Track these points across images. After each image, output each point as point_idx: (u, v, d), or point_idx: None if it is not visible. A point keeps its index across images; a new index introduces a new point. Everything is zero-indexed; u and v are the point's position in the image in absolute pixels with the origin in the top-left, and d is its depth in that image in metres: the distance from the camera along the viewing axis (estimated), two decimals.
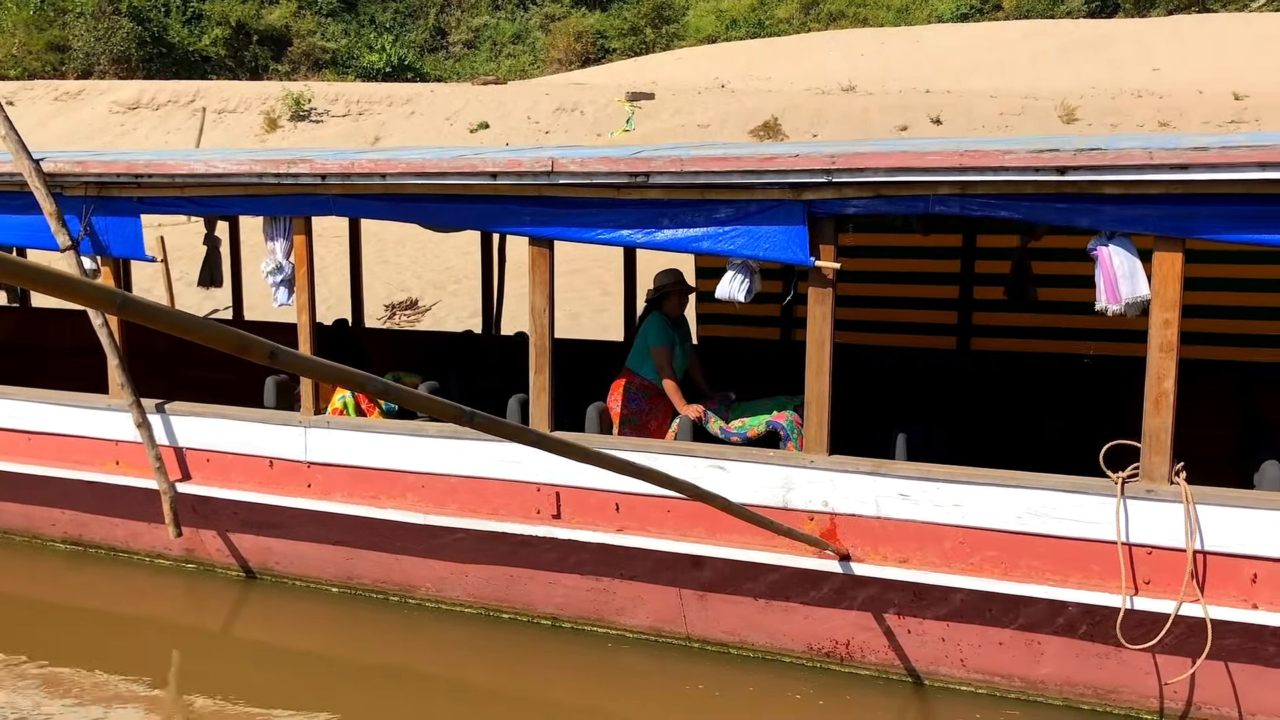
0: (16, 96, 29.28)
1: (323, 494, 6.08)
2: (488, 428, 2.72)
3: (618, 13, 55.39)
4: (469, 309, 15.59)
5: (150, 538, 6.83)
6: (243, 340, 1.96)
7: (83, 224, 6.31)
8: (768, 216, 4.95)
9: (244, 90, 29.83)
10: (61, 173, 6.24)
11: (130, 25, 49.71)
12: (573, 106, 27.03)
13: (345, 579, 6.40)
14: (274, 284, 6.08)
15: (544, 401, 5.61)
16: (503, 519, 5.69)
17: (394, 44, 53.29)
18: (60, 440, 6.73)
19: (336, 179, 5.63)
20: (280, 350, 2.09)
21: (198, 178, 5.94)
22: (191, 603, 6.71)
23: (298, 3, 54.58)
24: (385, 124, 27.19)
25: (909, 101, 25.32)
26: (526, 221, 5.45)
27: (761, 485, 5.18)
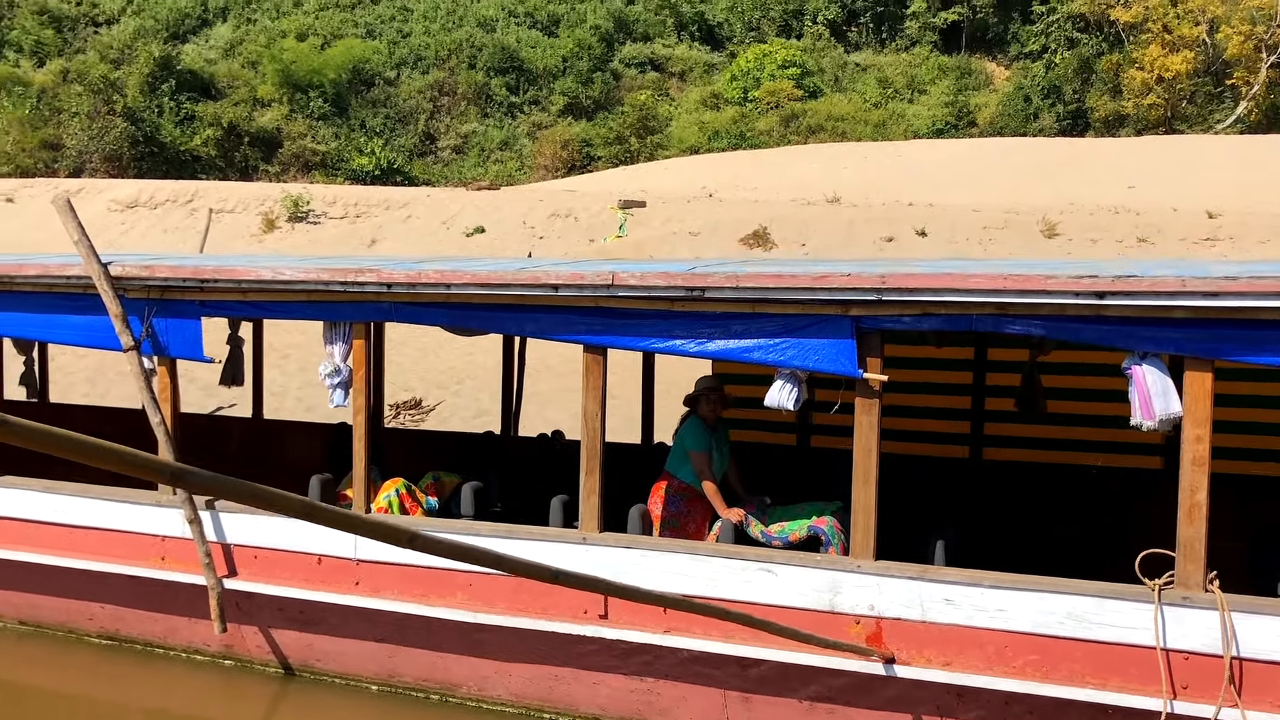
0: (17, 194, 29.67)
1: (370, 591, 6.22)
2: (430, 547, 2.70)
3: (603, 122, 56.87)
4: (471, 409, 15.81)
5: (188, 633, 6.91)
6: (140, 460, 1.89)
7: (144, 325, 6.55)
8: (817, 330, 5.26)
9: (241, 191, 30.35)
10: (128, 276, 6.49)
11: (124, 125, 50.56)
12: (566, 212, 27.66)
13: (386, 677, 6.49)
14: (331, 385, 6.31)
15: (594, 503, 5.82)
16: (550, 618, 5.85)
17: (384, 148, 54.37)
18: (104, 535, 6.85)
19: (402, 288, 5.92)
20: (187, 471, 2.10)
21: (263, 283, 6.21)
22: (229, 699, 6.77)
23: (289, 106, 55.74)
24: (382, 226, 27.69)
25: (893, 214, 26.11)
26: (583, 330, 5.73)
27: (809, 589, 5.38)
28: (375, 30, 60.19)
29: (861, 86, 58.59)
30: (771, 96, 56.23)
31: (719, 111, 57.58)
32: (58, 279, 6.70)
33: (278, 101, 55.28)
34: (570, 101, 58.55)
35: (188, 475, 2.19)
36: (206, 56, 57.35)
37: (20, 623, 7.50)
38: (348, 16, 60.42)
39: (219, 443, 9.70)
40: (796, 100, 55.73)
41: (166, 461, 2.13)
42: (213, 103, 54.60)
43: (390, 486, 6.82)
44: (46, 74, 54.17)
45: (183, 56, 55.91)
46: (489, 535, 5.99)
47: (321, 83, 55.42)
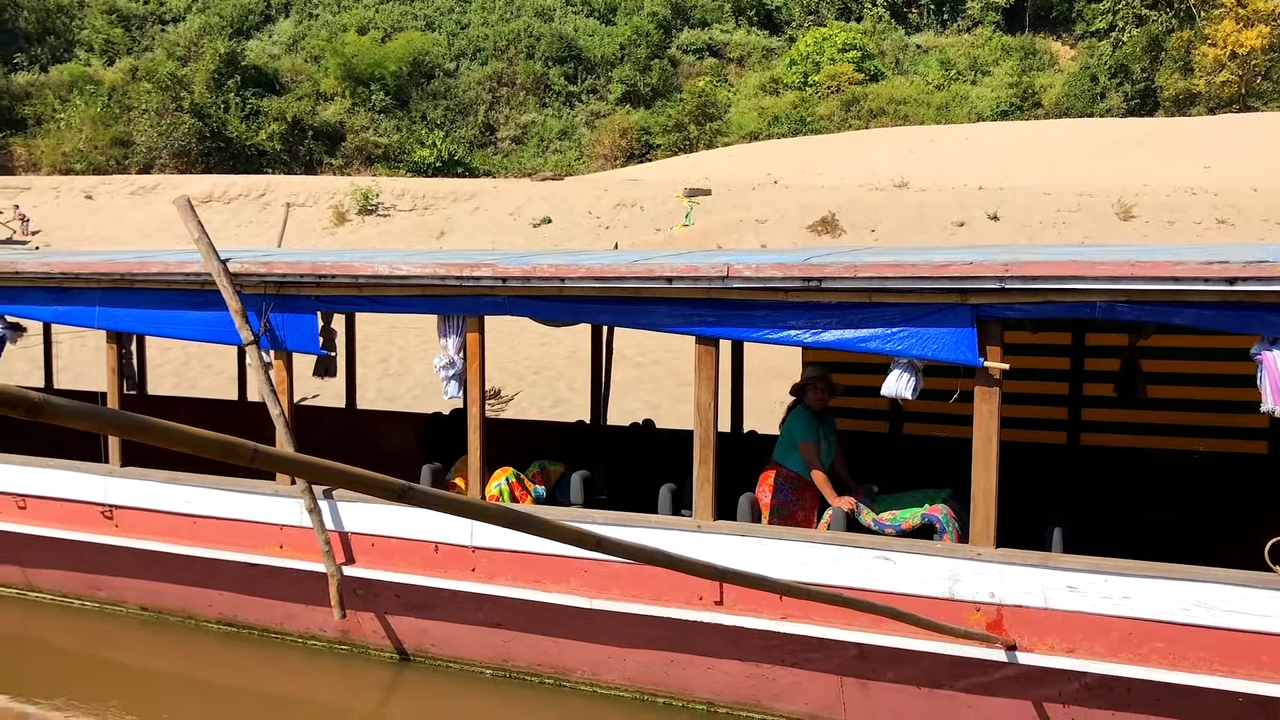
0: (95, 191, 30.41)
1: (486, 578, 6.36)
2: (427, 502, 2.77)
3: (662, 110, 56.86)
4: (548, 399, 15.97)
5: (305, 619, 7.11)
6: (226, 445, 1.97)
7: (262, 320, 6.73)
8: (936, 319, 5.27)
9: (312, 185, 30.85)
10: (246, 272, 6.68)
11: (191, 121, 51.53)
12: (632, 202, 27.76)
13: (500, 661, 6.63)
14: (445, 378, 6.45)
15: (708, 491, 5.89)
16: (666, 604, 5.94)
17: (444, 140, 54.85)
18: (224, 524, 7.07)
19: (517, 281, 6.03)
20: (261, 450, 2.10)
21: (380, 279, 6.36)
22: (345, 683, 6.95)
23: (352, 99, 56.42)
24: (450, 218, 28.00)
25: (964, 198, 25.85)
26: (696, 322, 5.80)
27: (928, 576, 5.41)
28: (434, 22, 60.68)
29: (923, 69, 57.95)
30: (832, 80, 55.82)
31: (778, 97, 57.31)
32: (178, 276, 6.90)
33: (340, 95, 56.03)
34: (628, 89, 58.62)
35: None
36: (270, 52, 58.25)
37: (142, 609, 7.76)
38: (407, 9, 60.98)
39: (315, 432, 9.91)
40: (857, 84, 55.28)
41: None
42: (277, 98, 55.48)
43: (500, 475, 6.95)
44: (116, 72, 55.39)
45: (247, 52, 56.85)
46: (603, 523, 6.09)
47: (382, 76, 56.07)
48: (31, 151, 51.39)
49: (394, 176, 43.62)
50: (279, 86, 56.35)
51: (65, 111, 52.53)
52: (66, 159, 50.02)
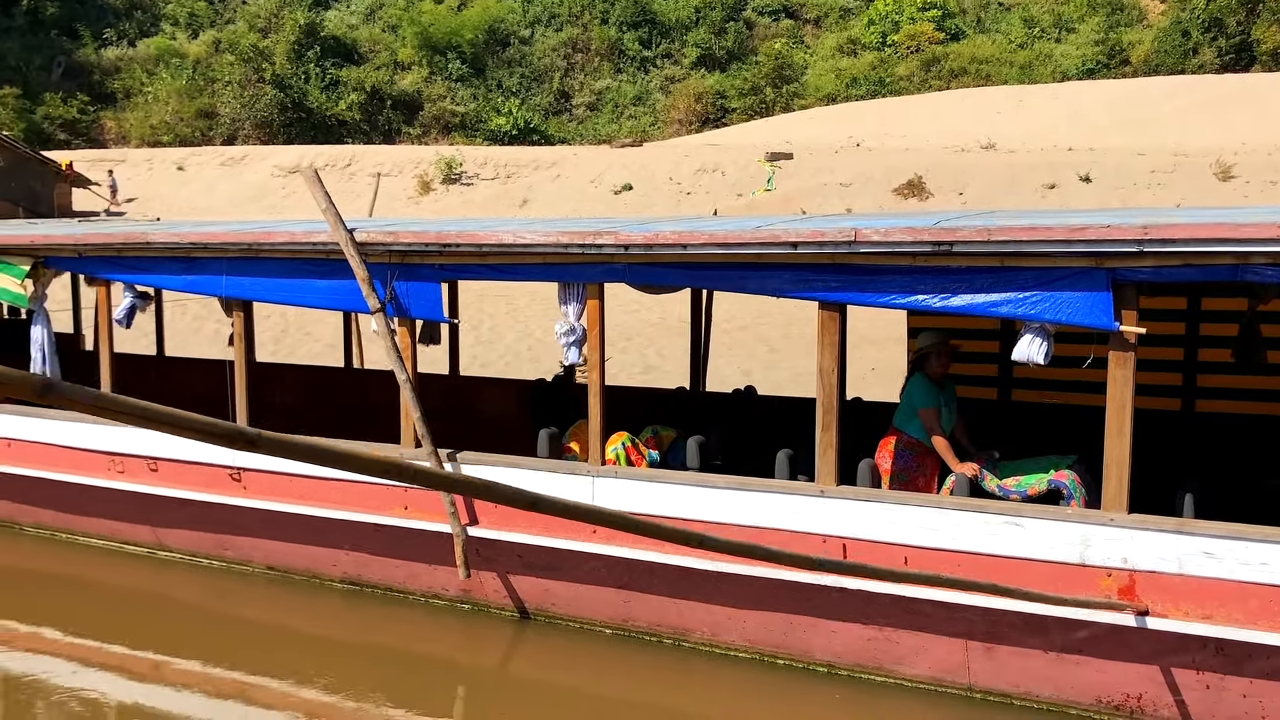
0: (186, 162, 31.12)
1: (607, 539, 6.48)
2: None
3: (737, 73, 56.37)
4: (639, 365, 16.08)
5: (428, 578, 7.32)
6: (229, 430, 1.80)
7: (387, 289, 6.90)
8: (1071, 283, 5.23)
9: (396, 154, 31.22)
10: (372, 241, 6.84)
11: (273, 92, 52.32)
12: (713, 167, 27.65)
13: (620, 621, 6.76)
14: (566, 344, 6.56)
15: (831, 456, 5.93)
16: (787, 568, 6.00)
17: (520, 107, 55.00)
18: (348, 485, 7.29)
19: (639, 249, 6.09)
20: (264, 436, 1.93)
21: (503, 247, 6.47)
22: (468, 640, 7.15)
23: (429, 68, 56.80)
24: (532, 186, 28.17)
25: (1054, 159, 25.30)
26: (819, 287, 5.82)
27: (1058, 541, 5.40)
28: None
29: (1005, 27, 56.58)
30: (911, 40, 54.80)
31: (856, 58, 56.46)
32: (304, 245, 7.09)
33: (417, 64, 56.44)
34: (703, 53, 58.19)
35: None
36: (348, 22, 58.83)
37: (268, 568, 8.05)
38: None
39: (423, 398, 10.13)
40: (937, 43, 54.19)
41: None
42: (355, 68, 56.07)
43: (616, 440, 7.05)
44: (200, 45, 56.42)
45: (326, 23, 57.48)
46: (724, 487, 6.17)
47: (459, 44, 56.33)
48: (121, 125, 52.67)
49: (472, 145, 43.95)
50: (357, 56, 56.94)
51: (152, 85, 53.71)
52: (154, 131, 51.20)
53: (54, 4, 55.44)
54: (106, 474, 8.25)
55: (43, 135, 47.67)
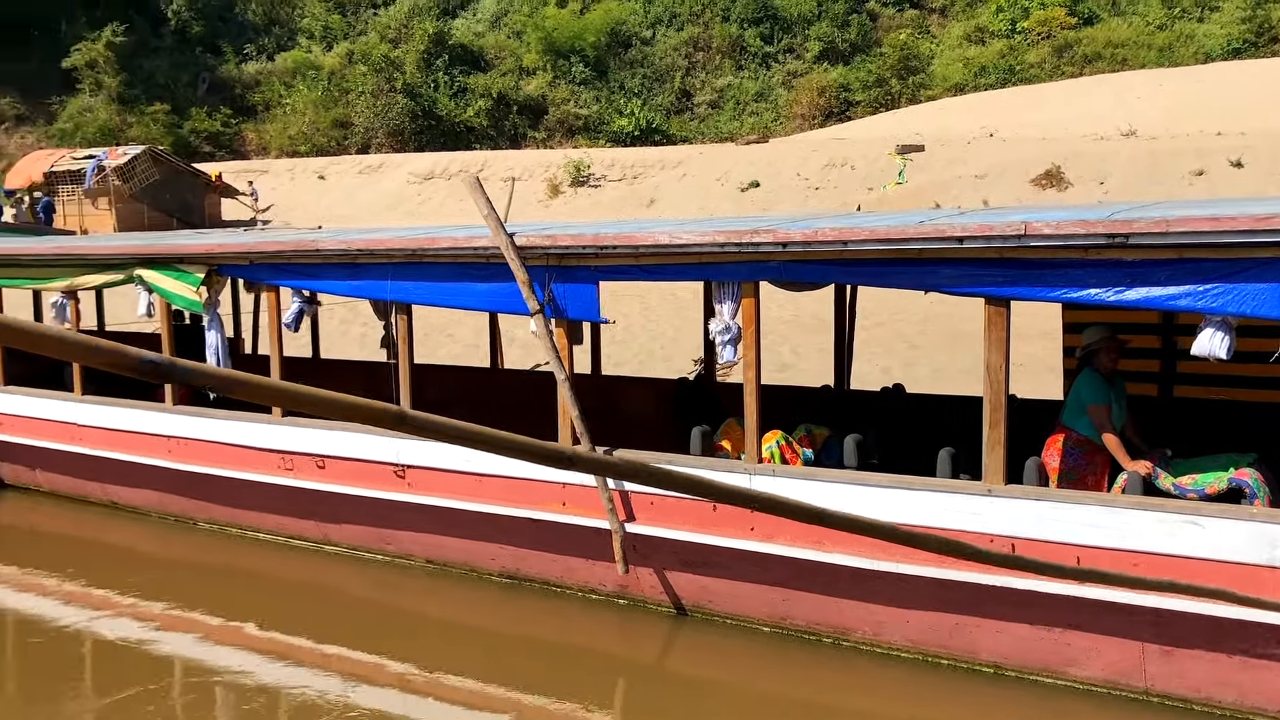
0: (326, 171, 32.25)
1: (766, 537, 6.50)
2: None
3: (861, 66, 55.62)
4: (772, 363, 16.01)
5: (585, 573, 7.46)
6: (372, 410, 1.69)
7: (545, 291, 7.06)
8: (1256, 274, 5.04)
9: (526, 158, 31.78)
10: (531, 245, 7.01)
11: (405, 101, 53.74)
12: (841, 162, 27.36)
13: (779, 619, 6.78)
14: (721, 343, 6.60)
15: (999, 454, 5.84)
16: (951, 567, 5.93)
17: (642, 108, 55.31)
18: (508, 482, 7.48)
19: (797, 246, 6.10)
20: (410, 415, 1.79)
21: (658, 248, 6.56)
22: (625, 635, 7.26)
23: (553, 73, 57.57)
24: (659, 186, 28.32)
25: (1200, 145, 24.27)
26: (986, 282, 5.73)
27: (1243, 542, 5.21)
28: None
29: (1143, 8, 54.39)
30: (1042, 26, 53.19)
31: (984, 46, 55.08)
32: (466, 250, 7.31)
33: (542, 69, 57.26)
34: (826, 47, 57.58)
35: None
36: (475, 30, 60.03)
37: (428, 561, 8.31)
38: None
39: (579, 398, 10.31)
40: (1070, 28, 52.46)
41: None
42: (482, 74, 57.22)
43: (770, 438, 7.07)
44: (334, 57, 58.32)
45: (453, 31, 58.77)
46: (887, 486, 6.13)
47: (582, 47, 56.94)
48: (261, 136, 54.86)
49: (596, 147, 44.44)
50: (484, 63, 58.09)
51: (290, 97, 55.77)
52: (293, 142, 53.17)
53: (199, 23, 58.08)
54: (277, 471, 8.64)
55: (190, 148, 50.02)
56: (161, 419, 9.34)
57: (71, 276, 9.76)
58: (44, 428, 10.32)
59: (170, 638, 7.51)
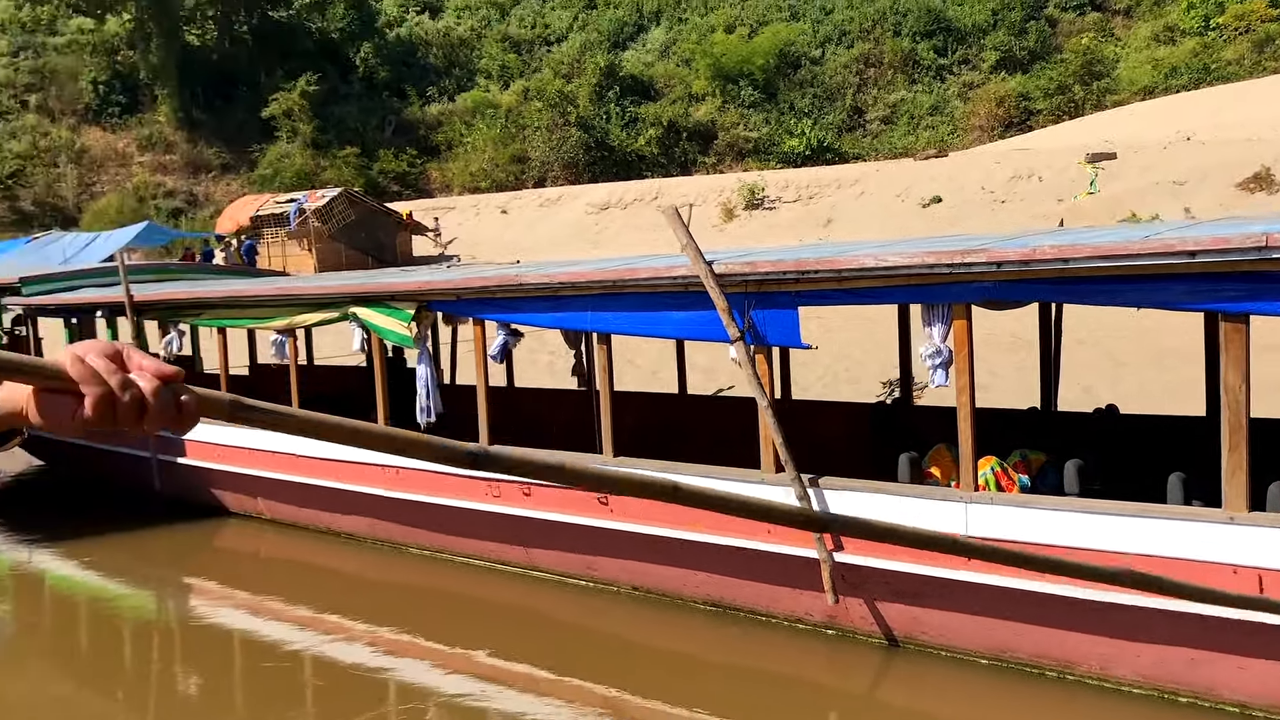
0: (509, 206, 33.32)
1: (984, 567, 6.29)
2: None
3: (1041, 73, 53.83)
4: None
5: (792, 602, 7.39)
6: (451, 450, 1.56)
7: (745, 317, 7.07)
8: None
9: (699, 184, 32.03)
10: (730, 273, 7.03)
11: (578, 134, 55.01)
12: (1028, 173, 26.45)
13: (997, 651, 6.55)
14: (932, 366, 6.45)
15: (1240, 480, 5.49)
16: (1188, 600, 5.59)
17: (813, 127, 54.96)
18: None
19: (1014, 265, 5.91)
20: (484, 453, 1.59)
21: (864, 271, 6.47)
22: (834, 665, 7.15)
23: (722, 98, 57.87)
24: (835, 205, 28.04)
25: None
26: (1221, 298, 5.42)
27: None
28: (799, 11, 61.00)
29: None
30: (1239, 21, 50.23)
31: (1175, 45, 52.42)
32: (665, 280, 7.39)
33: (711, 95, 57.68)
34: (1003, 56, 56.03)
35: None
36: (644, 60, 61.01)
37: (633, 588, 8.41)
38: (772, 2, 61.74)
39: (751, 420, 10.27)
40: (1272, 20, 49.34)
41: None
42: (652, 103, 58.03)
43: (985, 464, 6.86)
44: (511, 95, 60.25)
45: (624, 63, 59.88)
46: (1116, 514, 5.85)
47: (751, 71, 57.09)
48: (444, 174, 57.13)
49: (766, 169, 44.40)
50: (653, 92, 58.93)
51: (470, 135, 57.92)
52: (474, 178, 55.15)
53: (384, 69, 61.06)
54: (484, 498, 8.92)
55: (378, 189, 52.53)
56: None
57: (290, 315, 10.37)
58: (266, 458, 10.97)
59: (392, 662, 7.84)
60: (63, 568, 11.04)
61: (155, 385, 1.16)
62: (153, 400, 1.16)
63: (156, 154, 55.70)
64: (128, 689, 7.85)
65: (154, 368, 1.18)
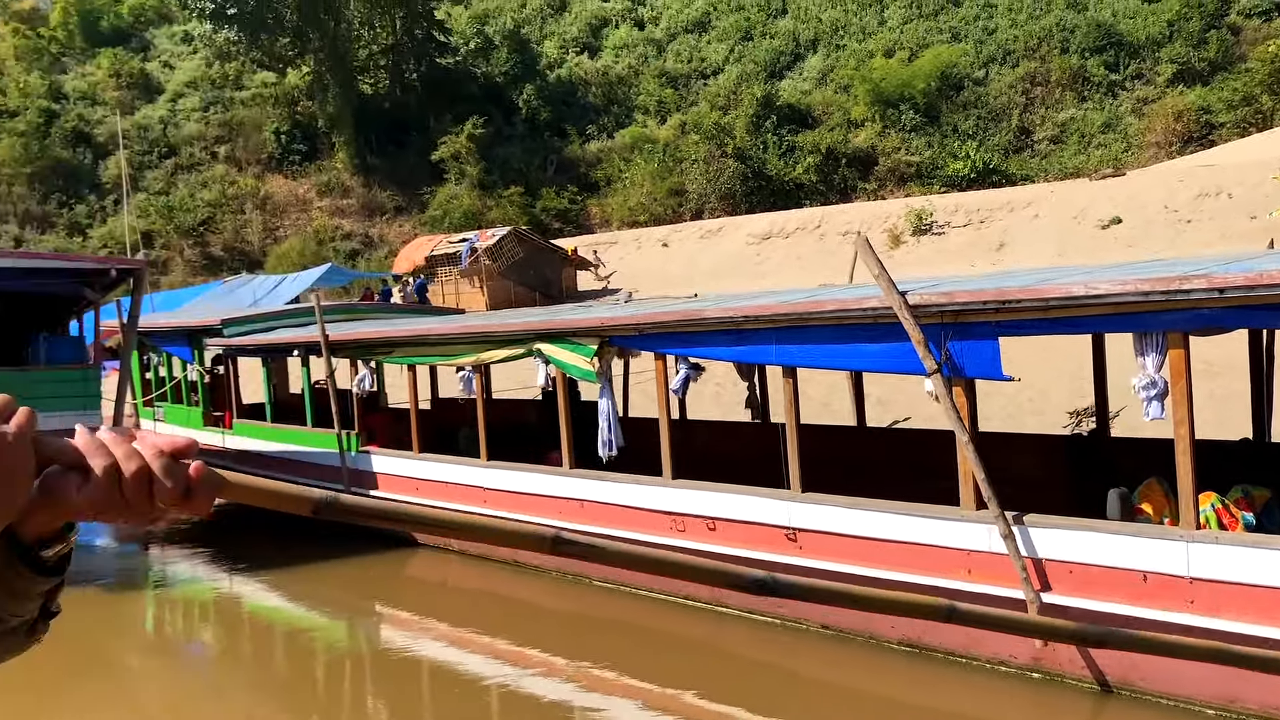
0: (669, 238, 33.60)
1: (1209, 611, 5.93)
2: None
3: (1224, 84, 51.07)
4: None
5: (994, 644, 7.12)
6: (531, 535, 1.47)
7: (942, 349, 6.89)
8: None
9: (863, 211, 31.62)
10: (925, 304, 6.88)
11: (735, 164, 55.11)
12: (1215, 190, 25.08)
13: (1225, 701, 6.15)
14: (1146, 398, 6.15)
15: None
16: None
17: (978, 149, 53.56)
18: (909, 548, 7.31)
19: (1239, 291, 5.59)
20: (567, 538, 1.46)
21: (1071, 299, 6.23)
22: (1041, 711, 6.84)
23: (881, 123, 57.10)
24: (1007, 229, 27.20)
25: None
26: None
27: None
28: (960, 32, 59.78)
29: None
30: None
31: None
32: (854, 312, 7.29)
33: (870, 120, 56.96)
34: (1180, 68, 53.45)
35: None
36: (801, 89, 60.79)
37: (823, 626, 8.26)
38: (932, 24, 60.69)
39: (941, 455, 9.98)
40: None
41: None
42: (810, 131, 57.68)
43: (1205, 501, 6.47)
44: (668, 129, 60.89)
45: (780, 92, 59.79)
46: None
47: (911, 95, 56.17)
48: (604, 209, 58.08)
49: (929, 194, 43.43)
50: (811, 120, 58.55)
51: (628, 171, 58.77)
52: (632, 212, 55.86)
53: (546, 110, 62.65)
54: (668, 532, 8.94)
55: (541, 226, 53.76)
56: (558, 482, 9.95)
57: (478, 352, 10.68)
58: (454, 490, 11.30)
59: (585, 696, 7.91)
60: (261, 596, 11.62)
61: (164, 460, 1.11)
62: (160, 473, 1.10)
63: (334, 198, 58.55)
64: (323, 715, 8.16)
65: (165, 442, 1.13)
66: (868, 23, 63.86)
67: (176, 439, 1.15)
